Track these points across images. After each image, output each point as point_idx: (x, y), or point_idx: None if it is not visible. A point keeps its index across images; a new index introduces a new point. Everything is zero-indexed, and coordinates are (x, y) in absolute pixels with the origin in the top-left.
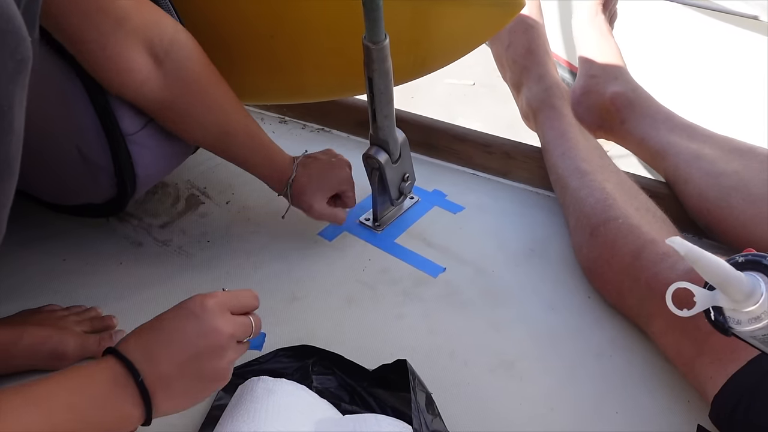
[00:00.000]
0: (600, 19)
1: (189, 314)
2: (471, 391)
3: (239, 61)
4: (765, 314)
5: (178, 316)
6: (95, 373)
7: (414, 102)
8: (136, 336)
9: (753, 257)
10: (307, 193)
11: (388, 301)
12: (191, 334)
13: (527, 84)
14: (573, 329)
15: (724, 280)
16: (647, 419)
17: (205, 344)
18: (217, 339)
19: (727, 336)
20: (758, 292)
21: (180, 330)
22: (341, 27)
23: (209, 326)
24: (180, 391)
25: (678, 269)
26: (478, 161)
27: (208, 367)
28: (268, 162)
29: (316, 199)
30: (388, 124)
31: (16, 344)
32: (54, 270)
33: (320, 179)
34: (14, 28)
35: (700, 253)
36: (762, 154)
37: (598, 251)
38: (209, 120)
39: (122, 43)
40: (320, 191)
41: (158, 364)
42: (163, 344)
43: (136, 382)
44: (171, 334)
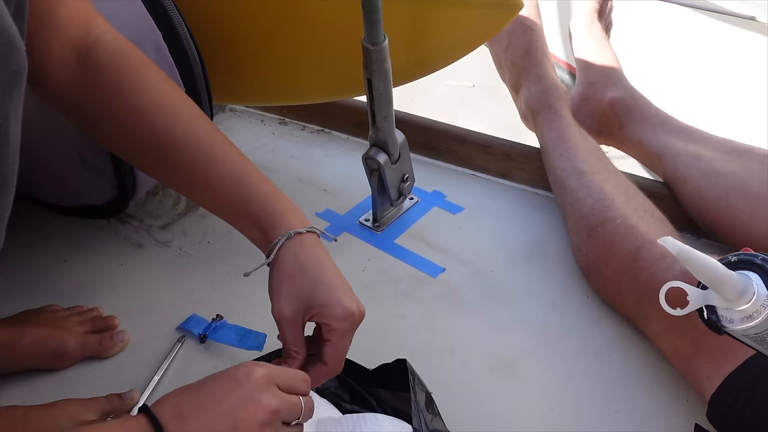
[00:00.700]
0: (597, 28)
1: (232, 381)
2: (470, 390)
3: (239, 62)
4: (757, 313)
5: (220, 381)
6: (122, 428)
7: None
8: (174, 395)
9: (745, 256)
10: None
11: (388, 301)
12: (230, 403)
13: (526, 85)
14: (572, 329)
15: (716, 279)
16: (646, 418)
17: (245, 417)
18: (258, 414)
19: (720, 334)
20: (750, 291)
21: (219, 397)
22: (341, 28)
23: (252, 398)
24: None
25: (675, 269)
26: (477, 162)
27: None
28: (246, 194)
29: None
30: (387, 125)
31: (18, 343)
32: (55, 271)
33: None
34: (9, 39)
35: (692, 253)
36: (760, 154)
37: (596, 251)
38: (132, 129)
39: (44, 38)
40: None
41: (187, 428)
42: (198, 408)
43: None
44: (208, 399)
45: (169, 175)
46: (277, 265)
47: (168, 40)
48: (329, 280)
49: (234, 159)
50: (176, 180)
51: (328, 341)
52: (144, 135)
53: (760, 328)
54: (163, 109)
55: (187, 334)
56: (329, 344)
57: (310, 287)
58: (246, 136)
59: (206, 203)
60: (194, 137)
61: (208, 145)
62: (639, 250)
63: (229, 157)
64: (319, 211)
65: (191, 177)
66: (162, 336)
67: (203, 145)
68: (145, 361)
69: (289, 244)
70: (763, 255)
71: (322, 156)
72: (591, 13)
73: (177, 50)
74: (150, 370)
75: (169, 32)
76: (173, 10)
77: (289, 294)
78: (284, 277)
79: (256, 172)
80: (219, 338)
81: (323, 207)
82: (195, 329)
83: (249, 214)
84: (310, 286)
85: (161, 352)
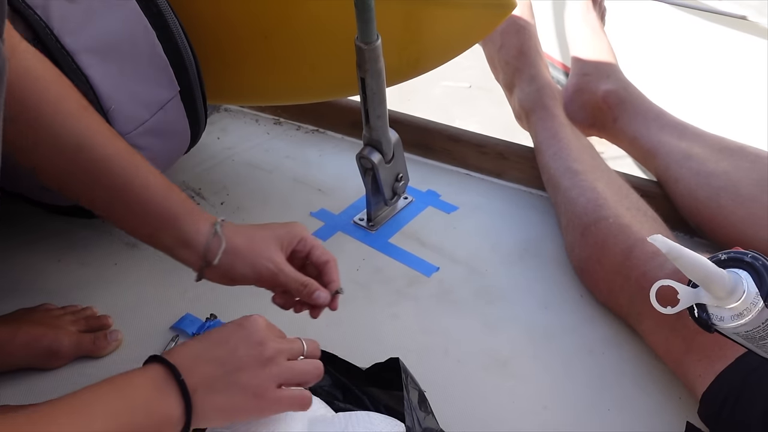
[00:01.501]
0: (592, 16)
1: (237, 326)
2: (464, 389)
3: (234, 62)
4: (747, 311)
5: (226, 328)
6: (135, 377)
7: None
8: (182, 345)
9: (735, 254)
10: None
11: (382, 300)
12: (235, 342)
13: (519, 85)
14: (565, 328)
15: (706, 277)
16: (639, 416)
17: (248, 353)
18: (261, 350)
19: (710, 332)
20: (740, 289)
21: (225, 339)
22: (335, 28)
23: (255, 337)
24: (221, 398)
25: (667, 268)
26: (471, 162)
27: (250, 376)
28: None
29: (274, 256)
30: (381, 125)
31: (11, 342)
32: (49, 270)
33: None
34: None
35: (682, 251)
36: (752, 153)
37: (589, 250)
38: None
39: None
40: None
41: (199, 366)
42: (206, 350)
43: (177, 381)
44: (215, 342)
45: (82, 183)
46: (231, 247)
47: (162, 39)
48: (269, 226)
49: (149, 175)
50: (91, 188)
51: (313, 247)
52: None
53: (750, 325)
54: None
55: (180, 334)
56: (315, 248)
57: (269, 237)
58: (240, 135)
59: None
60: (113, 155)
61: (124, 154)
62: (631, 248)
63: (145, 174)
64: (314, 211)
65: (109, 184)
66: (156, 335)
67: (121, 152)
68: (138, 360)
69: (224, 229)
70: (753, 253)
71: (317, 156)
72: (585, 1)
73: (171, 49)
74: None
75: (164, 31)
76: (167, 10)
77: (266, 251)
78: (250, 245)
79: (165, 180)
80: None
81: (318, 206)
82: (188, 328)
83: (171, 226)
84: (268, 236)
85: (155, 351)
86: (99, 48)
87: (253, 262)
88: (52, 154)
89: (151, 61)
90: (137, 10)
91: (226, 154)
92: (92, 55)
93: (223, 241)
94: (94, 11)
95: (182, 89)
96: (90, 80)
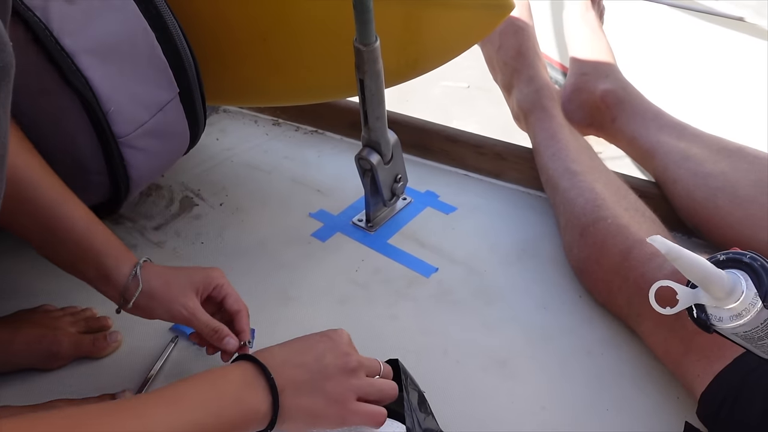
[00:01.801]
0: (591, 16)
1: (323, 336)
2: (463, 389)
3: (233, 64)
4: (746, 311)
5: (312, 337)
6: (228, 373)
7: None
8: (268, 349)
9: (734, 255)
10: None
11: (381, 301)
12: (322, 351)
13: (518, 86)
14: (564, 328)
15: (704, 277)
16: (637, 416)
17: (334, 362)
18: (347, 361)
19: (709, 333)
20: (739, 290)
21: (311, 346)
22: (333, 29)
23: (341, 348)
24: (307, 401)
25: (665, 268)
26: (470, 162)
27: (334, 384)
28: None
29: (187, 299)
30: (379, 126)
31: (11, 343)
32: (49, 271)
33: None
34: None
35: (681, 252)
36: (750, 154)
37: (587, 251)
38: None
39: None
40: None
41: (287, 369)
42: (294, 355)
43: (266, 378)
44: (302, 349)
45: (19, 216)
46: (148, 290)
47: (162, 41)
48: (188, 271)
49: (76, 208)
50: (28, 221)
51: (227, 295)
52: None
53: (748, 326)
54: None
55: (180, 335)
56: (228, 296)
57: (185, 282)
58: (239, 136)
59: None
60: (44, 188)
61: (57, 191)
62: (630, 249)
63: (72, 207)
64: (313, 212)
65: (44, 219)
66: (155, 336)
67: (54, 189)
68: (138, 361)
69: (143, 271)
70: (751, 254)
71: (316, 156)
72: (584, 0)
73: (171, 51)
74: (143, 370)
75: (163, 33)
76: (166, 12)
77: (181, 296)
78: (167, 289)
79: (95, 218)
80: None
81: (316, 207)
82: (188, 329)
83: (94, 259)
84: (184, 281)
85: (154, 352)
86: (98, 49)
87: (168, 307)
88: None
89: (150, 62)
90: (137, 12)
91: (226, 155)
92: (92, 57)
93: (140, 284)
94: (93, 13)
95: (182, 90)
96: (90, 82)
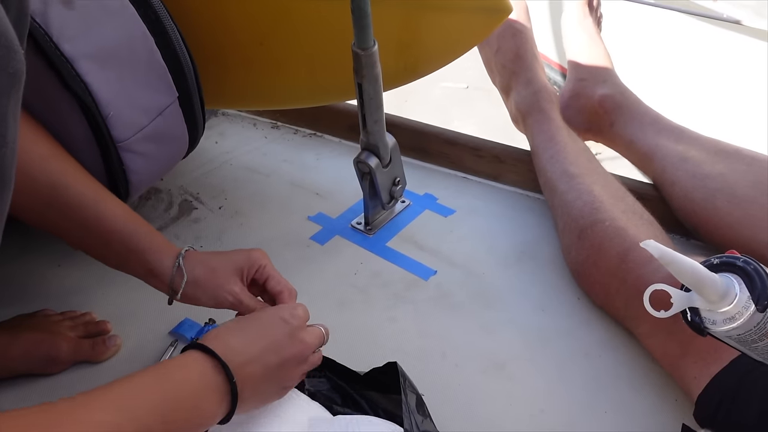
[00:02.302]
0: (588, 22)
1: (280, 321)
2: (462, 392)
3: (231, 67)
4: (739, 314)
5: (266, 319)
6: (185, 370)
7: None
8: (223, 336)
9: (728, 259)
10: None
11: (380, 303)
12: (281, 339)
13: (516, 88)
14: (562, 330)
15: (698, 281)
16: (635, 418)
17: (293, 352)
18: (304, 349)
19: (703, 336)
20: (732, 293)
21: (271, 333)
22: (331, 33)
23: (297, 336)
24: (261, 394)
25: (662, 271)
26: (468, 165)
27: (290, 374)
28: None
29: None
30: (378, 129)
31: (10, 348)
32: (49, 275)
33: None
34: (6, 42)
35: (674, 256)
36: (748, 156)
37: (585, 253)
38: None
39: None
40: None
41: (248, 367)
42: (252, 345)
43: (228, 382)
44: (260, 334)
45: (56, 218)
46: (192, 279)
47: (161, 46)
48: (230, 255)
49: (116, 209)
50: (65, 223)
51: (269, 276)
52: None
53: (742, 329)
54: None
55: (179, 338)
56: (270, 278)
57: (229, 267)
58: (238, 139)
59: (94, 245)
60: (84, 193)
61: (94, 191)
62: (627, 252)
63: (112, 209)
64: (312, 215)
65: (82, 219)
66: (154, 340)
67: (91, 190)
68: (137, 365)
69: (186, 261)
70: (744, 257)
71: (314, 159)
72: (582, 6)
73: (170, 55)
74: None
75: (162, 37)
76: (165, 16)
77: (226, 283)
78: (211, 277)
79: (133, 214)
80: None
81: (315, 210)
82: (187, 333)
83: (137, 257)
84: (228, 266)
85: (153, 355)
86: (98, 54)
87: (214, 294)
88: (28, 195)
89: (149, 67)
90: (136, 17)
91: (224, 158)
92: (91, 62)
93: (184, 275)
94: (93, 18)
95: (181, 95)
96: (89, 87)
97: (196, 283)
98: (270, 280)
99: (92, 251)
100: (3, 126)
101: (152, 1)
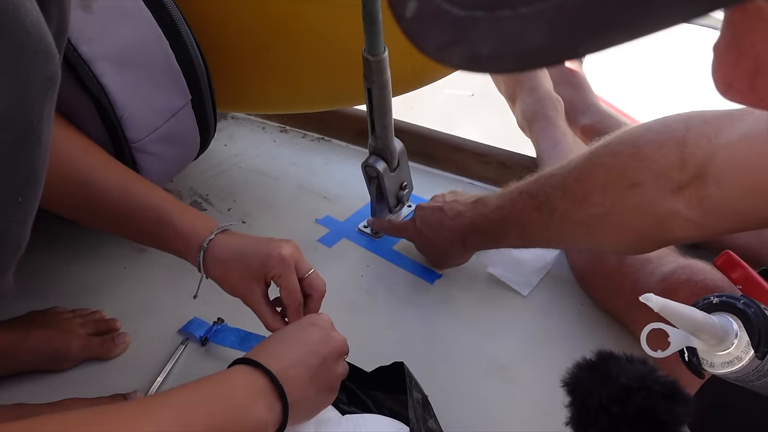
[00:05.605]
0: None
1: (312, 326)
2: (466, 394)
3: (243, 72)
4: (737, 359)
5: (298, 327)
6: (231, 382)
7: (414, 112)
8: (266, 348)
9: (727, 299)
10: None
11: (386, 306)
12: (318, 341)
13: (521, 96)
14: (567, 334)
15: (698, 329)
16: None
17: (330, 349)
18: (338, 345)
19: (701, 378)
20: (731, 338)
21: (308, 338)
22: (341, 39)
23: (330, 335)
24: (309, 398)
25: (657, 275)
26: (474, 171)
27: (332, 372)
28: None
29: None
30: (386, 134)
31: (22, 344)
32: (60, 274)
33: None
34: (46, 47)
35: (674, 307)
36: None
37: (587, 258)
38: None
39: None
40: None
41: (292, 371)
42: (292, 350)
43: (275, 387)
44: (299, 341)
45: (88, 212)
46: (211, 277)
47: (175, 49)
48: (243, 258)
49: (147, 187)
50: (97, 215)
51: (281, 288)
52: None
53: (740, 372)
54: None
55: (188, 337)
56: (283, 289)
57: (246, 274)
58: (247, 143)
59: (130, 228)
60: (111, 173)
61: (123, 179)
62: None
63: (144, 187)
64: (319, 218)
65: (113, 209)
66: (164, 338)
67: (119, 179)
68: (146, 362)
69: (207, 255)
70: (745, 299)
71: (322, 163)
72: None
73: (184, 59)
74: (151, 371)
75: (177, 41)
76: (180, 20)
77: (240, 287)
78: (223, 280)
79: (162, 192)
80: (220, 341)
81: (323, 214)
82: (196, 332)
83: (170, 233)
84: (241, 270)
85: (162, 353)
86: (115, 57)
87: (233, 293)
88: (60, 191)
89: (164, 69)
90: (152, 21)
91: (234, 161)
92: (108, 64)
93: (201, 275)
94: (110, 21)
95: (194, 97)
96: (105, 89)
97: (215, 281)
98: (282, 291)
99: (131, 239)
100: (38, 127)
101: (167, 5)
